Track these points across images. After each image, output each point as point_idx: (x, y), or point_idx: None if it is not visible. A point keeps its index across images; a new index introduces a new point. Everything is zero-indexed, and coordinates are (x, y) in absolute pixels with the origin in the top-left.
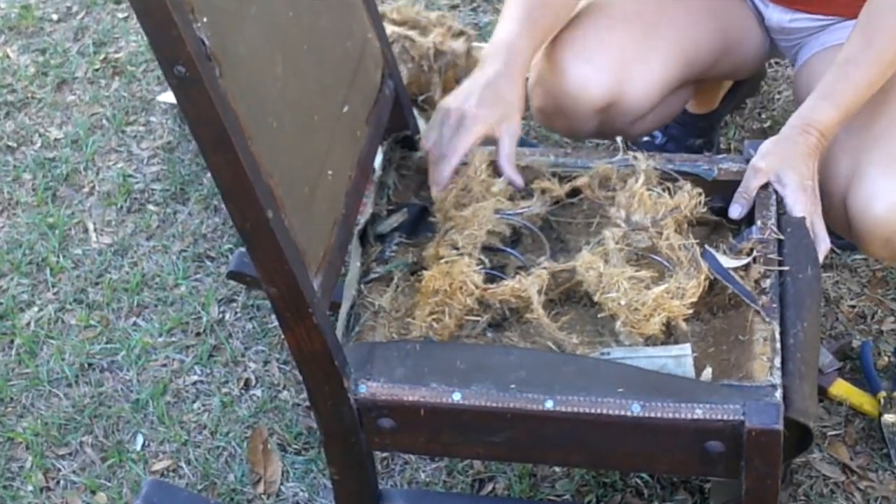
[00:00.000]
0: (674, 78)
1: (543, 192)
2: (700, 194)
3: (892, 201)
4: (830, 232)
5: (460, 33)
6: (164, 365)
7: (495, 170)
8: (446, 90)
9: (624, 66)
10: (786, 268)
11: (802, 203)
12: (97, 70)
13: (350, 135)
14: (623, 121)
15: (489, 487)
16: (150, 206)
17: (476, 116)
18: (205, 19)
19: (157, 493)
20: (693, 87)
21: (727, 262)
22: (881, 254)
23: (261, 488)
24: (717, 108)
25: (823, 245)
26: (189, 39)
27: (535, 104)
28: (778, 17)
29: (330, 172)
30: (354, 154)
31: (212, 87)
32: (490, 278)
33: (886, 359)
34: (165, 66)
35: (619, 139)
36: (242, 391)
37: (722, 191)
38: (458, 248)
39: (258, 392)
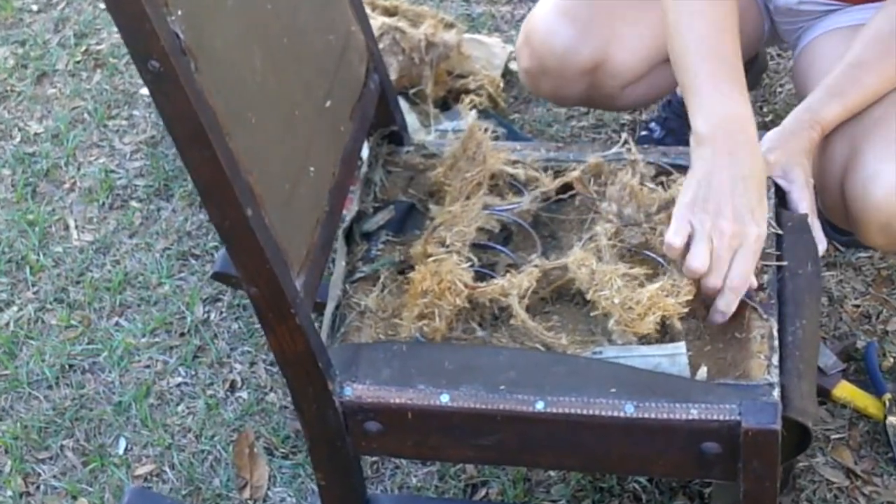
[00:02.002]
0: (664, 42)
1: (535, 187)
2: None
3: (891, 185)
4: (829, 226)
5: (451, 25)
6: (148, 366)
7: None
8: (438, 83)
9: (612, 27)
10: (784, 263)
11: (808, 201)
12: (78, 62)
13: (333, 130)
14: (612, 84)
15: (482, 493)
16: (133, 203)
17: (752, 242)
18: (179, 12)
19: (140, 500)
20: None
21: None
22: (878, 240)
23: (247, 493)
24: None
25: (821, 246)
26: (163, 33)
27: (521, 65)
28: None
29: (312, 169)
30: (338, 150)
31: (187, 82)
32: (480, 276)
33: (892, 360)
34: (139, 60)
35: (624, 134)
36: (228, 393)
37: None
38: (446, 246)
39: (244, 394)
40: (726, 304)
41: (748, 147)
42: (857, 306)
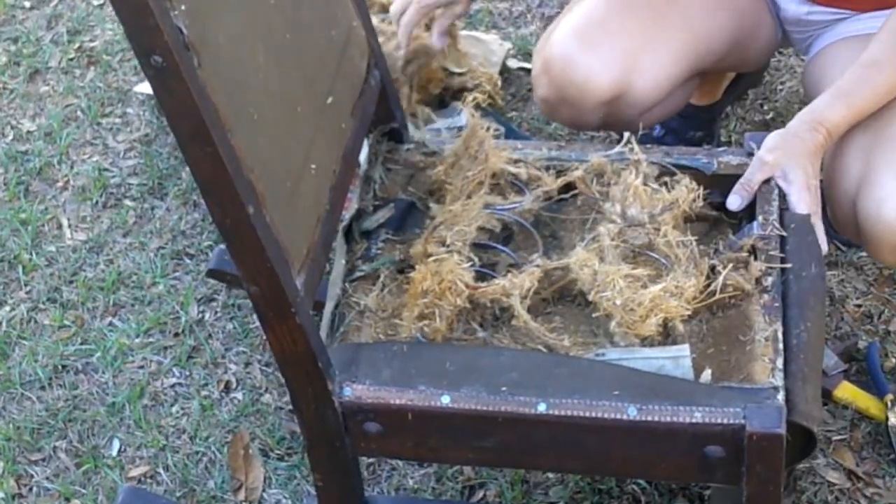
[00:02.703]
0: (684, 69)
1: (537, 186)
2: (698, 188)
3: None
4: (831, 226)
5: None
6: (142, 367)
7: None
8: (432, 81)
9: (633, 57)
10: (788, 265)
11: (807, 203)
12: (71, 59)
13: (335, 127)
14: (630, 113)
15: (480, 494)
16: (127, 202)
17: None
18: (183, 7)
19: (134, 501)
20: (700, 78)
21: None
22: (890, 259)
23: (242, 495)
24: (719, 100)
25: (822, 248)
26: (166, 28)
27: (539, 94)
28: (795, 9)
29: (313, 166)
30: (339, 147)
31: (190, 77)
32: (480, 276)
33: (894, 360)
34: (141, 55)
35: (627, 134)
36: (223, 394)
37: (722, 185)
38: (446, 245)
39: (239, 395)
40: None
41: None
42: (859, 306)
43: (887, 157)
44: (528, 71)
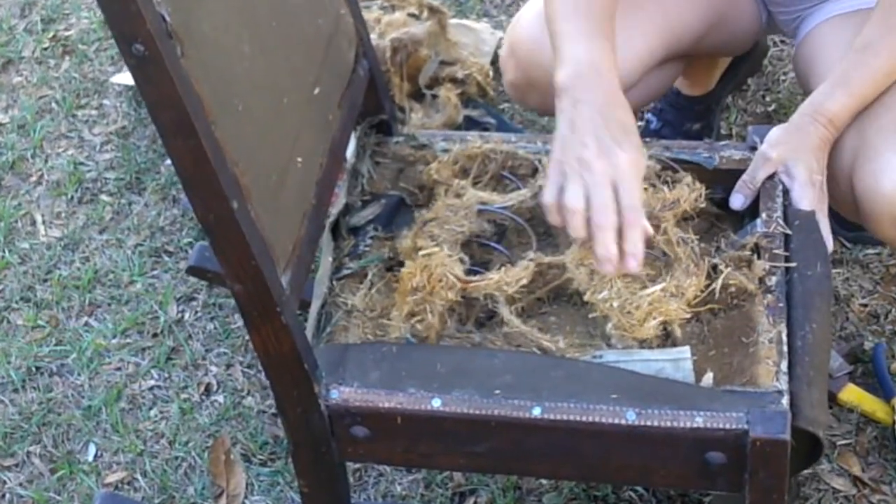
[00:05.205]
0: (657, 50)
1: (531, 181)
2: (700, 187)
3: None
4: (836, 221)
5: (435, 10)
6: (119, 368)
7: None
8: (412, 78)
9: None
10: (793, 264)
11: (809, 199)
12: (46, 49)
13: (321, 119)
14: None
15: (470, 501)
16: (103, 197)
17: (626, 169)
18: None
19: None
20: (683, 62)
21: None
22: (891, 234)
23: (223, 502)
24: (714, 90)
25: (827, 245)
26: (148, 15)
27: (507, 78)
28: None
29: (300, 160)
30: (326, 140)
31: (173, 67)
32: (473, 276)
33: None
34: (123, 44)
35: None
36: (203, 397)
37: (723, 180)
38: (436, 242)
39: (220, 398)
40: (633, 245)
41: (604, 85)
42: (865, 305)
43: (880, 127)
44: None
